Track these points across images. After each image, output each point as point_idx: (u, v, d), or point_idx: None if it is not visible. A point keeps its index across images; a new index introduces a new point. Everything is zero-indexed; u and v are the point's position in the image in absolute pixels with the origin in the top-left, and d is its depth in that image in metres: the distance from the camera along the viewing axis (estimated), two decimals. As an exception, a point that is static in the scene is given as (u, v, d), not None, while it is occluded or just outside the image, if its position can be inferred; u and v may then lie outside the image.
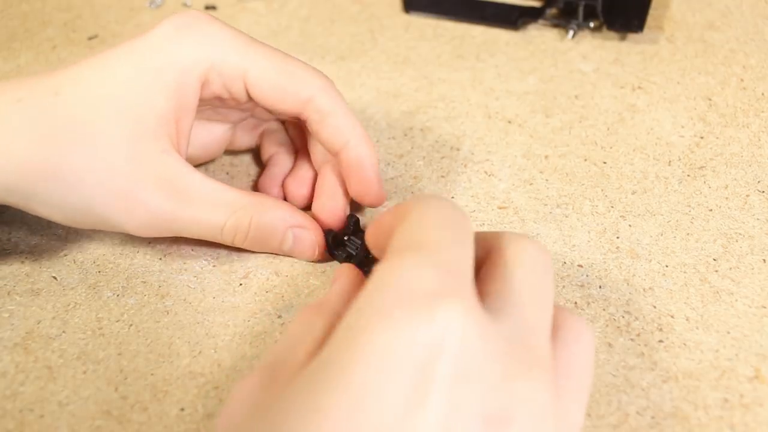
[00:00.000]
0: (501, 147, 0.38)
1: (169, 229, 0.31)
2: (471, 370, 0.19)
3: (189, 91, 0.30)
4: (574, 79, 0.43)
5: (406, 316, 0.19)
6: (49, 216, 0.30)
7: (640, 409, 0.27)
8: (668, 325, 0.29)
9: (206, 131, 0.35)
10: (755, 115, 0.39)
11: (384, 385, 0.19)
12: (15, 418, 0.28)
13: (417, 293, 0.20)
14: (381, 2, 0.51)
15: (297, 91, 0.31)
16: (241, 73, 0.31)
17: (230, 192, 0.31)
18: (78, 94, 0.29)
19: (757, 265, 0.31)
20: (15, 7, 0.53)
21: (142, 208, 0.29)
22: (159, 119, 0.30)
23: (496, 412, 0.19)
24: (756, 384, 0.27)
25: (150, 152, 0.29)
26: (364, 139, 0.32)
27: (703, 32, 0.46)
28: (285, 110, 0.32)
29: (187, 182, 0.30)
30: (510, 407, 0.19)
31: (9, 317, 0.31)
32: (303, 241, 0.32)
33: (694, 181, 0.36)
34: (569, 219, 0.34)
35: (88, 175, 0.29)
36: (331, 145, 0.32)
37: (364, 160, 0.32)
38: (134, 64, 0.30)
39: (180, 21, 0.31)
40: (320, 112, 0.31)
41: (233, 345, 0.30)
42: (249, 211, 0.31)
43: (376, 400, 0.19)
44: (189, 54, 0.30)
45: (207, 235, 0.31)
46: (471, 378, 0.19)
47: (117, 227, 0.30)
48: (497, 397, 0.19)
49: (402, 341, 0.19)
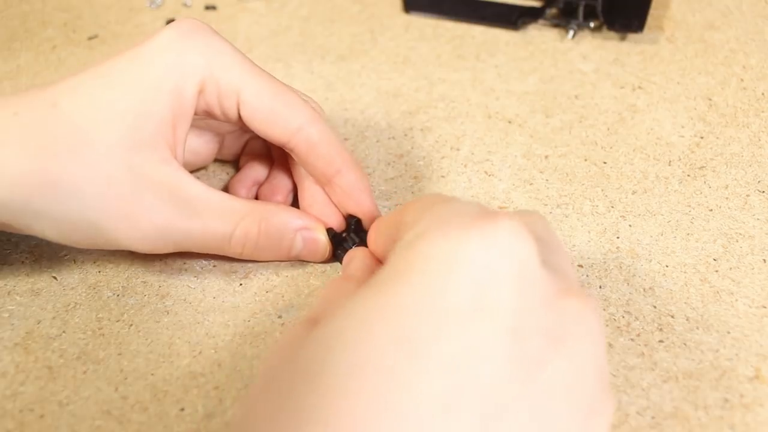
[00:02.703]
0: (501, 147, 0.38)
1: (173, 243, 0.30)
2: (531, 280, 0.20)
3: (187, 96, 0.30)
4: (574, 79, 0.43)
5: (469, 228, 0.20)
6: (42, 233, 0.29)
7: (640, 409, 0.27)
8: (668, 325, 0.29)
9: (198, 139, 0.35)
10: (755, 115, 0.39)
11: (451, 286, 0.19)
12: (15, 418, 0.28)
13: (473, 213, 0.21)
14: (381, 2, 0.51)
15: (288, 118, 0.31)
16: (236, 89, 0.30)
17: (234, 200, 0.31)
18: (76, 104, 0.29)
19: (758, 265, 0.31)
20: (15, 7, 0.53)
21: (145, 220, 0.29)
22: (158, 125, 0.29)
23: (556, 325, 0.20)
24: (756, 384, 0.27)
25: (150, 162, 0.29)
26: (353, 165, 0.32)
27: (703, 32, 0.46)
28: (273, 135, 0.31)
29: (191, 192, 0.30)
30: (566, 322, 0.20)
31: (9, 317, 0.31)
32: (313, 242, 0.32)
33: (694, 181, 0.36)
34: (569, 219, 0.34)
35: (88, 186, 0.28)
36: (321, 174, 0.32)
37: (357, 186, 0.32)
38: (134, 72, 0.29)
39: (183, 28, 0.30)
40: (309, 142, 0.31)
41: (233, 345, 0.30)
42: (256, 217, 0.31)
43: (445, 297, 0.19)
44: (190, 60, 0.30)
45: (214, 247, 0.31)
46: (531, 288, 0.20)
47: (117, 242, 0.29)
48: (555, 311, 0.20)
49: (467, 249, 0.20)
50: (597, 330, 0.21)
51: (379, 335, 0.19)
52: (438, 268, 0.20)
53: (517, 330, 0.19)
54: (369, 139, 0.40)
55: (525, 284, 0.20)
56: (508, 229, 0.20)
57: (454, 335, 0.19)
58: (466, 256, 0.20)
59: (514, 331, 0.19)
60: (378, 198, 0.36)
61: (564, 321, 0.20)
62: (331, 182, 0.32)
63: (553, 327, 0.20)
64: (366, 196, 0.32)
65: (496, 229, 0.20)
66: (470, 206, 0.22)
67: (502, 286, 0.19)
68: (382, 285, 0.20)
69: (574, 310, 0.20)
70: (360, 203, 0.32)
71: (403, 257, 0.21)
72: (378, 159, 0.38)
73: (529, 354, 0.19)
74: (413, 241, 0.21)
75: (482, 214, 0.21)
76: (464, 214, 0.21)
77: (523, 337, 0.19)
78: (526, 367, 0.19)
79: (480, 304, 0.19)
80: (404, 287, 0.20)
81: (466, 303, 0.19)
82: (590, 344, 0.20)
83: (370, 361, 0.18)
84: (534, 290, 0.20)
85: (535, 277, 0.20)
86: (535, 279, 0.20)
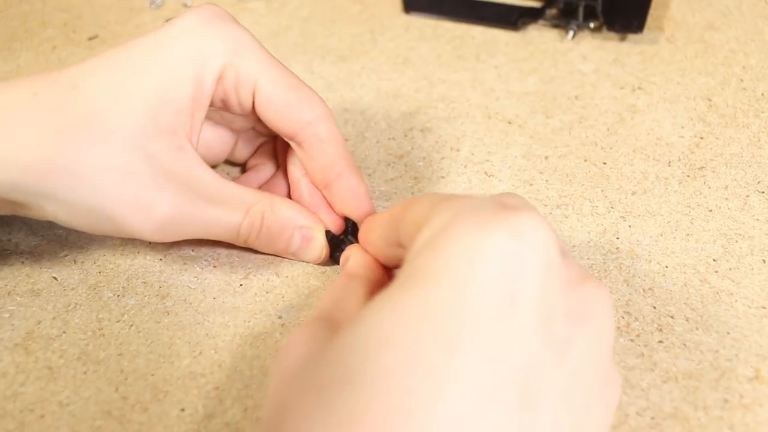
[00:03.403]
0: (501, 147, 0.38)
1: (184, 231, 0.30)
2: (554, 269, 0.21)
3: (206, 84, 0.30)
4: (574, 79, 0.43)
5: (494, 222, 0.20)
6: (54, 216, 0.29)
7: (640, 410, 0.27)
8: (668, 326, 0.29)
9: (212, 134, 0.35)
10: (755, 115, 0.39)
11: (482, 279, 0.20)
12: (15, 418, 0.28)
13: (492, 207, 0.21)
14: (381, 2, 0.51)
15: (301, 111, 0.31)
16: (253, 79, 0.30)
17: (245, 191, 0.31)
18: (96, 87, 0.28)
19: (757, 265, 0.31)
20: (15, 7, 0.53)
21: (158, 208, 0.29)
22: (177, 113, 0.29)
23: (577, 307, 0.21)
24: (756, 384, 0.27)
25: (167, 149, 0.29)
26: (355, 169, 0.32)
27: (703, 32, 0.46)
28: (283, 127, 0.31)
29: (205, 181, 0.30)
30: (586, 304, 0.21)
31: (9, 317, 0.31)
32: (311, 242, 0.32)
33: (694, 182, 0.36)
34: (569, 219, 0.34)
35: (103, 172, 0.28)
36: (323, 174, 0.32)
37: (358, 190, 0.32)
38: (155, 57, 0.29)
39: (204, 14, 0.30)
40: (318, 138, 0.31)
41: (233, 345, 0.30)
42: (261, 207, 0.31)
43: (477, 291, 0.20)
44: (211, 46, 0.29)
45: (223, 235, 0.31)
46: (554, 276, 0.21)
47: (128, 229, 0.29)
48: (576, 295, 0.21)
49: (495, 243, 0.20)
50: (610, 310, 0.22)
51: (416, 335, 0.19)
52: (467, 264, 0.20)
53: (546, 316, 0.20)
54: (369, 140, 0.40)
55: (549, 273, 0.21)
56: (531, 221, 0.21)
57: (490, 329, 0.19)
58: (494, 250, 0.20)
59: (543, 317, 0.20)
60: (378, 199, 0.36)
61: (584, 303, 0.21)
62: (330, 185, 0.32)
63: (576, 309, 0.21)
64: (366, 201, 0.32)
65: (521, 222, 0.20)
66: (485, 200, 0.22)
67: (530, 276, 0.20)
68: (411, 283, 0.20)
69: (591, 292, 0.22)
70: (359, 207, 0.32)
71: (427, 255, 0.21)
72: (378, 160, 0.38)
73: (557, 337, 0.20)
74: (435, 237, 0.21)
75: (503, 207, 0.21)
76: (483, 208, 0.21)
77: (551, 322, 0.20)
78: (557, 349, 0.20)
79: (511, 296, 0.20)
80: (435, 285, 0.20)
81: (498, 296, 0.20)
82: (607, 323, 0.22)
83: (410, 361, 0.19)
84: (557, 278, 0.21)
85: (557, 266, 0.21)
86: (557, 267, 0.21)
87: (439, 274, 0.20)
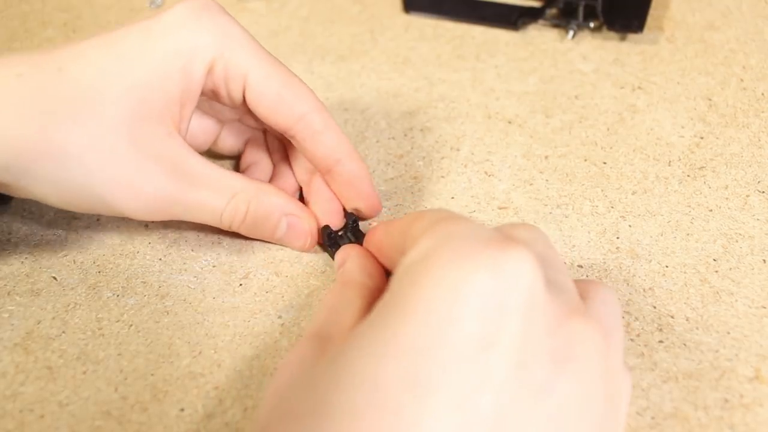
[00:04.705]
0: (501, 147, 0.38)
1: (168, 213, 0.30)
2: (537, 308, 0.20)
3: (196, 75, 0.30)
4: (574, 79, 0.43)
5: (477, 257, 0.20)
6: (43, 197, 0.29)
7: (640, 410, 0.27)
8: (668, 326, 0.29)
9: (197, 122, 0.35)
10: (755, 115, 0.39)
11: (458, 319, 0.19)
12: (15, 418, 0.28)
13: (480, 239, 0.20)
14: (381, 2, 0.51)
15: (293, 104, 0.31)
16: (244, 72, 0.30)
17: (232, 177, 0.31)
18: (83, 70, 0.28)
19: (757, 265, 0.31)
20: (15, 7, 0.53)
21: (146, 190, 0.29)
22: (165, 102, 0.29)
23: (561, 348, 0.20)
24: (756, 384, 0.27)
25: (155, 134, 0.29)
26: (355, 155, 0.32)
27: (703, 32, 0.46)
28: (276, 121, 0.31)
29: (191, 165, 0.30)
30: (571, 344, 0.20)
31: (9, 317, 0.31)
32: (296, 229, 0.32)
33: (694, 182, 0.36)
34: (569, 219, 0.34)
35: (90, 154, 0.28)
36: (322, 163, 0.32)
37: (358, 174, 0.32)
38: (144, 45, 0.29)
39: (196, 5, 0.30)
40: (312, 129, 0.31)
41: (233, 345, 0.30)
42: (247, 195, 0.31)
43: (452, 332, 0.19)
44: (201, 38, 0.30)
45: (207, 219, 0.31)
46: (537, 316, 0.20)
47: (115, 209, 0.30)
48: (560, 334, 0.20)
49: (475, 280, 0.19)
50: (601, 349, 0.21)
51: (386, 374, 0.19)
52: (444, 300, 0.19)
53: (523, 359, 0.19)
54: (369, 140, 0.40)
55: (531, 313, 0.20)
56: (517, 259, 0.20)
57: (461, 371, 0.19)
58: (473, 288, 0.19)
59: (520, 360, 0.19)
60: (378, 198, 0.36)
61: (568, 343, 0.20)
62: (331, 171, 0.32)
63: (559, 350, 0.20)
64: (367, 185, 0.32)
65: (505, 260, 0.20)
66: (477, 230, 0.21)
67: (510, 318, 0.19)
68: (388, 317, 0.20)
69: (578, 331, 0.21)
70: (361, 192, 0.32)
71: (407, 283, 0.20)
72: (378, 159, 0.38)
73: (536, 380, 0.19)
74: (418, 264, 0.21)
75: (490, 241, 0.20)
76: (471, 238, 0.21)
77: (529, 364, 0.19)
78: (534, 393, 0.19)
79: (487, 338, 0.19)
80: (410, 323, 0.19)
81: (473, 337, 0.19)
82: (596, 363, 0.21)
83: (379, 401, 0.18)
84: (540, 317, 0.20)
85: (540, 305, 0.20)
86: (540, 306, 0.20)
87: (415, 309, 0.19)
